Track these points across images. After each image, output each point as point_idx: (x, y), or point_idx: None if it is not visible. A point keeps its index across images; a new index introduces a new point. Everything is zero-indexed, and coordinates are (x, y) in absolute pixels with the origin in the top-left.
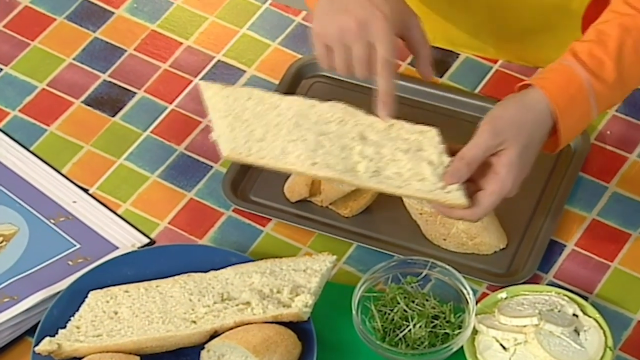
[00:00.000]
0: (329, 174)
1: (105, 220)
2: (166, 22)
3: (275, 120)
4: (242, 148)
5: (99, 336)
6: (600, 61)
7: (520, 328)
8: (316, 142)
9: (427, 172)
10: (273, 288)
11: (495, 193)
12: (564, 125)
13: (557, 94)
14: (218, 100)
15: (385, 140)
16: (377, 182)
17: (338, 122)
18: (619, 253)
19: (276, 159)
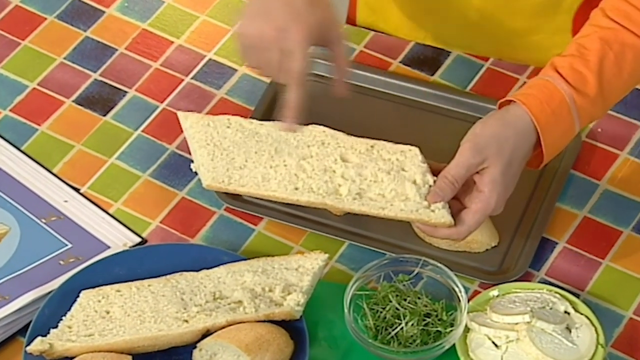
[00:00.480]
0: (311, 198)
1: (97, 219)
2: (157, 21)
3: (256, 147)
4: (223, 177)
5: (90, 336)
6: (582, 75)
7: (512, 325)
8: (297, 167)
9: (410, 192)
10: (265, 287)
11: (479, 212)
12: (547, 140)
13: (539, 109)
14: (197, 129)
15: (366, 161)
16: (360, 204)
17: (319, 145)
18: (610, 250)
19: (257, 186)
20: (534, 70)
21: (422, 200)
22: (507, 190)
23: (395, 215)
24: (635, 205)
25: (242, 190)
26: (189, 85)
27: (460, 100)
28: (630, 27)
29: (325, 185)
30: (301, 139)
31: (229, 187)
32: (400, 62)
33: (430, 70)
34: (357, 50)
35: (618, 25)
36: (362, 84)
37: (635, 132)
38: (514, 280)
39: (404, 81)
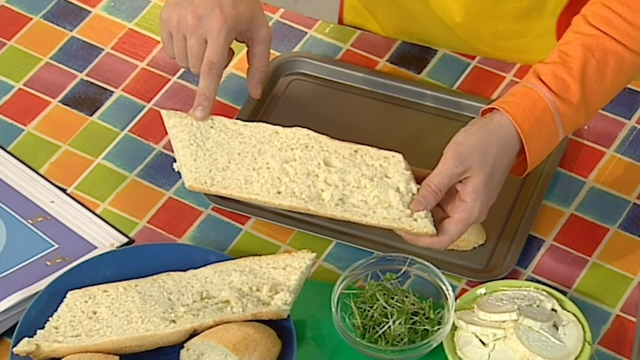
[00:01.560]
0: (293, 203)
1: (84, 219)
2: (143, 21)
3: (239, 148)
4: (205, 178)
5: (77, 336)
6: (565, 83)
7: (500, 323)
8: (280, 170)
9: (394, 200)
10: (252, 286)
11: (462, 221)
12: (531, 148)
13: (522, 118)
14: (180, 128)
15: (350, 167)
16: (343, 210)
17: (302, 148)
18: (597, 248)
19: (240, 189)
20: (521, 68)
21: (405, 208)
22: (490, 199)
23: (378, 223)
24: (621, 203)
25: (225, 192)
26: (175, 85)
27: (447, 99)
28: (612, 33)
29: (308, 190)
30: (285, 141)
31: (211, 189)
32: (387, 61)
33: (417, 69)
34: (343, 49)
35: (600, 32)
36: (348, 83)
37: (621, 130)
38: (501, 278)
39: (391, 80)
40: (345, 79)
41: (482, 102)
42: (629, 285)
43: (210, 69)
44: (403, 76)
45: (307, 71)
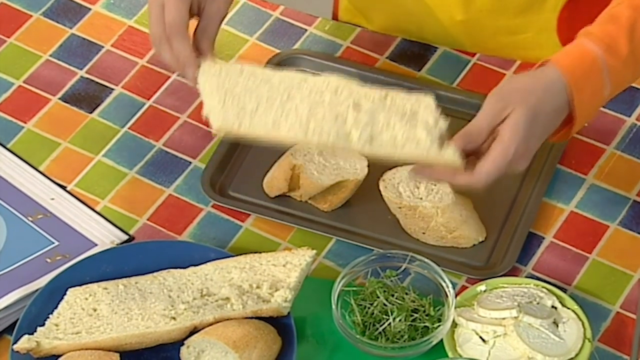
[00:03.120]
0: (322, 140)
1: (84, 217)
2: (143, 18)
3: (267, 93)
4: (233, 120)
5: (77, 333)
6: (613, 37)
7: (500, 320)
8: (309, 112)
9: (422, 135)
10: (252, 283)
11: (498, 157)
12: (578, 101)
13: (571, 70)
14: (210, 76)
15: (379, 108)
16: (371, 147)
17: (332, 93)
18: (597, 245)
19: (268, 130)
20: (521, 65)
21: (434, 143)
22: (530, 143)
23: (406, 157)
24: (621, 200)
25: (252, 134)
26: (175, 82)
27: (447, 96)
28: None
29: (337, 129)
30: (314, 87)
31: (239, 131)
32: (387, 58)
33: (417, 66)
34: (343, 46)
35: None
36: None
37: (621, 127)
38: (501, 276)
39: (391, 77)
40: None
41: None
42: (629, 282)
43: (170, 31)
44: (403, 73)
45: (307, 68)
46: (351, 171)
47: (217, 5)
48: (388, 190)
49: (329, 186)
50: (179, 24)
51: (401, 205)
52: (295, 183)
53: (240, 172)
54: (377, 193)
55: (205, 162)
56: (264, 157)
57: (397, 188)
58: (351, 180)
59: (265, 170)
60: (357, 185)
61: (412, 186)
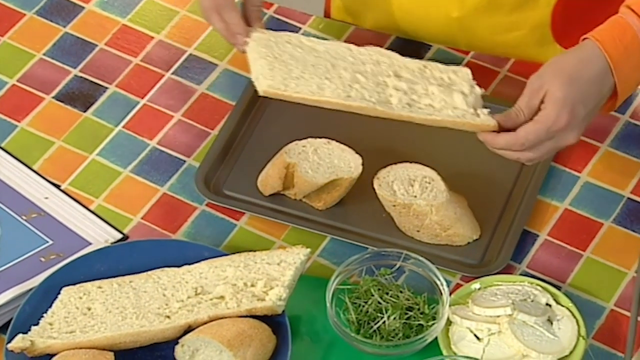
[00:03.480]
0: (362, 104)
1: (78, 216)
2: (137, 17)
3: (313, 61)
4: (279, 84)
5: (72, 332)
6: None
7: (494, 318)
8: (352, 78)
9: (458, 100)
10: (247, 282)
11: (538, 122)
12: (620, 75)
13: (611, 45)
14: (259, 44)
15: (418, 78)
16: (410, 111)
17: (374, 63)
18: (591, 242)
19: (312, 93)
20: (515, 63)
21: (469, 107)
22: (573, 111)
23: (442, 120)
24: (615, 198)
25: (297, 97)
26: (169, 81)
27: None
28: None
29: (377, 95)
30: (357, 56)
31: (284, 93)
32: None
33: None
34: None
35: None
36: None
37: (615, 124)
38: (495, 273)
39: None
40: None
41: None
42: (623, 280)
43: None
44: None
45: None
46: (345, 169)
47: None
48: (382, 189)
49: (324, 185)
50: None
51: (395, 204)
52: (289, 181)
53: (234, 171)
54: (371, 191)
55: (200, 161)
56: (258, 156)
57: (392, 186)
58: (345, 178)
59: (259, 168)
60: (351, 183)
61: (406, 184)
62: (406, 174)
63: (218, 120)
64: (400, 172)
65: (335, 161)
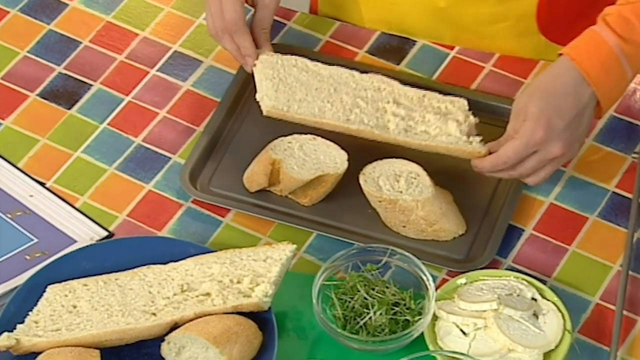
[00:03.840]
0: (361, 127)
1: (63, 213)
2: (121, 13)
3: (317, 85)
4: (283, 105)
5: (57, 330)
6: (629, 23)
7: (480, 313)
8: (353, 103)
9: (452, 128)
10: (233, 278)
11: (516, 139)
12: (602, 92)
13: (589, 64)
14: (267, 64)
15: (417, 106)
16: (406, 136)
17: (375, 90)
18: (576, 236)
19: (313, 115)
20: (500, 58)
21: (463, 135)
22: (551, 123)
23: (436, 146)
24: (600, 192)
25: (298, 118)
26: (154, 78)
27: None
28: None
29: (376, 120)
30: (360, 82)
31: (286, 114)
32: (366, 52)
33: (396, 60)
34: (322, 40)
35: None
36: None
37: (600, 119)
38: (481, 268)
39: (370, 71)
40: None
41: (462, 92)
42: (609, 274)
43: (230, 27)
44: (382, 67)
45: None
46: (331, 165)
47: (264, 14)
48: (368, 184)
49: (309, 181)
50: (238, 20)
51: (381, 199)
52: (275, 178)
53: (220, 168)
54: (357, 187)
55: (185, 158)
56: (244, 152)
57: (377, 182)
58: (331, 174)
59: (245, 165)
60: (337, 179)
61: (392, 180)
62: (392, 169)
63: (203, 117)
64: (385, 168)
65: (321, 157)
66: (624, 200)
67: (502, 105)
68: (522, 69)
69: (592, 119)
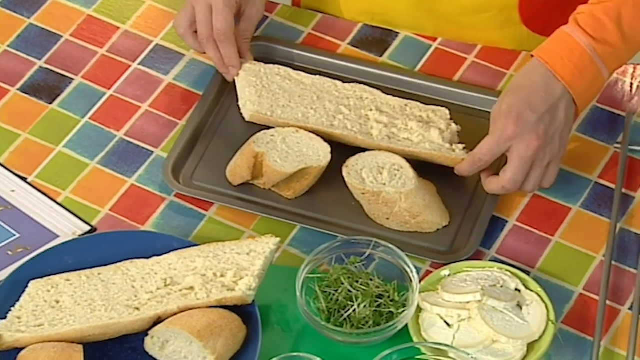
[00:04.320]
0: (344, 132)
1: (45, 208)
2: (102, 7)
3: (300, 92)
4: (266, 111)
5: (40, 326)
6: (600, 22)
7: (464, 304)
8: (336, 110)
9: (435, 136)
10: (217, 272)
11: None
12: (577, 92)
13: (561, 66)
14: (250, 72)
15: (399, 114)
16: (389, 143)
17: (357, 98)
18: (559, 227)
19: (297, 120)
20: (483, 49)
21: (445, 143)
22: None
23: (420, 152)
24: (583, 182)
25: (282, 123)
26: (136, 71)
27: (409, 81)
28: None
29: (359, 126)
30: (342, 91)
31: (270, 119)
32: (348, 44)
33: (379, 52)
34: (305, 32)
35: None
36: (310, 67)
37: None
38: (465, 260)
39: (353, 63)
40: (307, 62)
41: (444, 83)
42: (592, 264)
43: (219, 36)
44: (365, 59)
45: (269, 56)
46: (314, 158)
47: (257, 8)
48: (351, 177)
49: (293, 173)
50: (227, 30)
51: (364, 191)
52: (258, 171)
53: (203, 161)
54: (340, 180)
55: (168, 151)
56: (227, 146)
57: (360, 174)
58: (314, 167)
59: (228, 158)
60: (320, 172)
61: (375, 172)
62: (375, 161)
63: (186, 111)
64: (369, 160)
65: (304, 150)
66: (607, 191)
67: (485, 97)
68: (504, 60)
69: (571, 115)
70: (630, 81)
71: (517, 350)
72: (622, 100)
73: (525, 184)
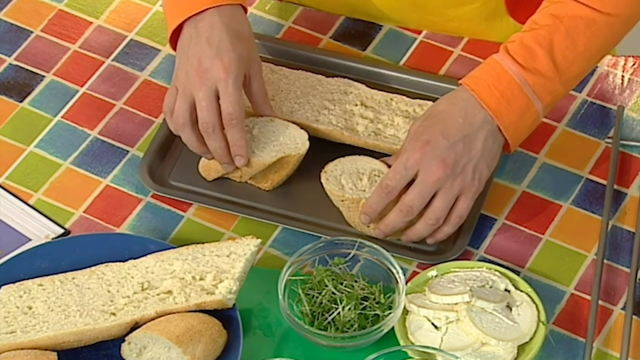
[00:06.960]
0: (330, 128)
1: (16, 211)
2: (74, 1)
3: (284, 87)
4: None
5: (12, 333)
6: (531, 51)
7: (452, 306)
8: (320, 105)
9: None
10: (195, 275)
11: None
12: (505, 122)
13: (487, 93)
14: None
15: (384, 109)
16: (375, 139)
17: (342, 93)
18: (550, 225)
19: (282, 115)
20: (469, 42)
21: None
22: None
23: None
24: (574, 178)
25: None
26: (110, 68)
27: (393, 75)
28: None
29: (345, 122)
30: (326, 86)
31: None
32: (330, 38)
33: (362, 45)
34: (285, 26)
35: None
36: (291, 61)
37: (572, 103)
38: (452, 260)
39: (335, 57)
40: (288, 57)
41: (429, 77)
42: (583, 263)
43: (230, 121)
44: (347, 53)
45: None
46: (292, 146)
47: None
48: (330, 183)
49: (270, 164)
50: (240, 112)
51: (343, 199)
52: None
53: (180, 160)
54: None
55: (144, 151)
56: None
57: (339, 180)
58: (293, 155)
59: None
60: (299, 160)
61: (354, 178)
62: (354, 167)
63: (162, 108)
64: (348, 166)
65: (281, 138)
66: (598, 187)
67: None
68: (491, 52)
69: (494, 148)
70: (622, 73)
71: (507, 353)
72: (612, 93)
73: (428, 212)
